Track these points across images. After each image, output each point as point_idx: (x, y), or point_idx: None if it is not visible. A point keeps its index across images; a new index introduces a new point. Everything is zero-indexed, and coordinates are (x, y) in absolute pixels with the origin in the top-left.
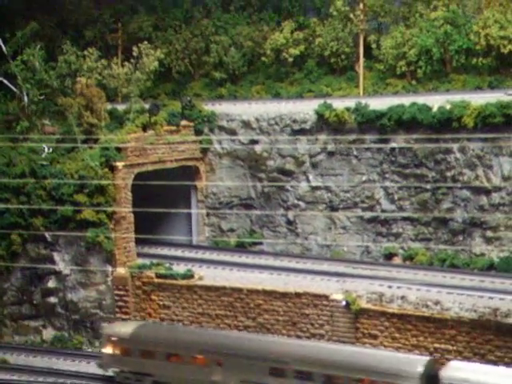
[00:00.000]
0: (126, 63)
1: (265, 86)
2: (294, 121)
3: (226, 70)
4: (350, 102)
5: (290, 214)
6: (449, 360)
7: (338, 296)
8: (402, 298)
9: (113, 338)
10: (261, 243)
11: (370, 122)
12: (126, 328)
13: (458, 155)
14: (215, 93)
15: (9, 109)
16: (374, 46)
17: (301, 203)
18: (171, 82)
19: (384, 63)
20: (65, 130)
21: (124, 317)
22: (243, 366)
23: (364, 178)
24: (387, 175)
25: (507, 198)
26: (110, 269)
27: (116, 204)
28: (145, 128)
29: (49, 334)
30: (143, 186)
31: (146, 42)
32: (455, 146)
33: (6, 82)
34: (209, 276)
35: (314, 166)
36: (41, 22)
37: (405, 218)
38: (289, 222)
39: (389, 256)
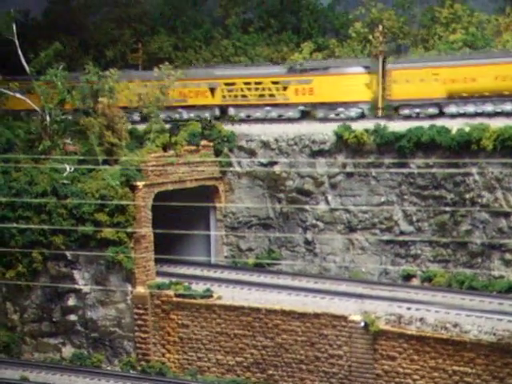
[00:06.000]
0: (147, 83)
1: None
2: (313, 141)
3: None
4: (369, 124)
5: (309, 235)
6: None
7: (357, 317)
8: (421, 319)
9: None
10: (279, 263)
11: (388, 144)
12: None
13: (477, 177)
14: None
15: (31, 128)
16: None
17: (319, 223)
18: None
19: None
20: (86, 149)
21: (143, 335)
22: None
23: (382, 199)
24: (406, 196)
25: None
26: (129, 287)
27: (136, 223)
28: (165, 148)
29: (68, 351)
30: (163, 204)
31: (166, 63)
32: (474, 169)
33: (28, 101)
34: (227, 295)
35: (333, 186)
36: (63, 41)
37: (423, 240)
38: (307, 242)
39: (407, 277)
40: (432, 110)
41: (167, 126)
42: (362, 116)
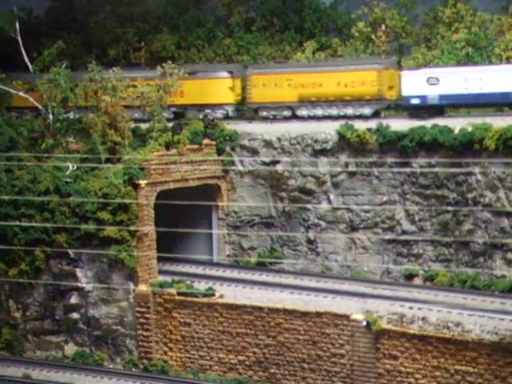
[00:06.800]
0: (150, 82)
1: None
2: (316, 141)
3: None
4: (372, 123)
5: (311, 234)
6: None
7: (359, 316)
8: (423, 319)
9: None
10: (281, 262)
11: (391, 143)
12: None
13: (480, 177)
14: None
15: (34, 126)
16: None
17: (321, 222)
18: None
19: None
20: (89, 147)
21: (145, 334)
22: None
23: (385, 198)
24: (408, 196)
25: None
26: (131, 286)
27: (139, 221)
28: (168, 146)
29: (70, 349)
30: (165, 202)
31: (169, 61)
32: (476, 168)
33: (31, 99)
34: (229, 294)
35: (335, 185)
36: (66, 40)
37: (425, 239)
38: (309, 241)
39: (409, 276)
40: (286, 113)
41: (170, 125)
42: (226, 117)
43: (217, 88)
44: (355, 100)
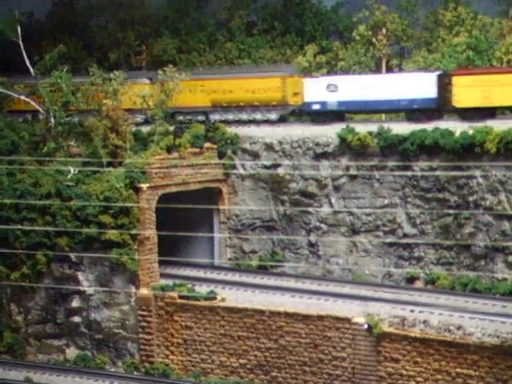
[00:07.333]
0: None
1: None
2: (317, 144)
3: None
4: (373, 126)
5: (312, 237)
6: None
7: (360, 319)
8: (424, 322)
9: None
10: (283, 265)
11: (392, 147)
12: None
13: (481, 180)
14: None
15: (35, 130)
16: (396, 70)
17: (323, 226)
18: None
19: None
20: (90, 151)
21: (147, 337)
22: None
23: (386, 201)
24: (409, 199)
25: None
26: (133, 289)
27: (140, 225)
28: (169, 150)
29: (72, 353)
30: (166, 206)
31: (170, 65)
32: (477, 172)
33: (33, 103)
34: (231, 297)
35: (337, 189)
36: (67, 44)
37: (427, 242)
38: (311, 244)
39: (410, 280)
40: (200, 117)
41: (171, 128)
42: (146, 121)
43: (136, 94)
44: (262, 105)
